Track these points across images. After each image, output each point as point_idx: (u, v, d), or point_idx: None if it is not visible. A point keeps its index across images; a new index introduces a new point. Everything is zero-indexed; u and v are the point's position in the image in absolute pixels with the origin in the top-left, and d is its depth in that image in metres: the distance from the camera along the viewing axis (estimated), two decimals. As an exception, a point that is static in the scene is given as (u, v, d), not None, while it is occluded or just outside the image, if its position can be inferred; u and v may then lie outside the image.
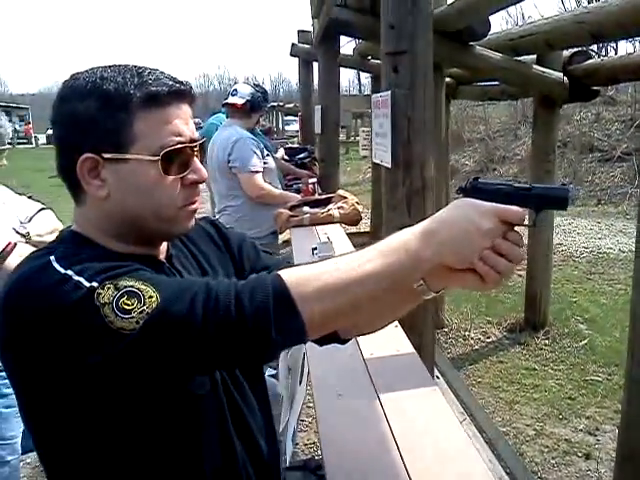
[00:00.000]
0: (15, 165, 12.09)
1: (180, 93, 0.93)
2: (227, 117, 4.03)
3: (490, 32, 4.55)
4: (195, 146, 0.96)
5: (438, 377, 4.14)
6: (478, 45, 4.83)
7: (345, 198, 3.75)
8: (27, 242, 2.03)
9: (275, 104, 23.34)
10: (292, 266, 0.93)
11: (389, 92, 2.08)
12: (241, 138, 3.49)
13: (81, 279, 0.81)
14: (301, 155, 5.91)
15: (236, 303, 0.80)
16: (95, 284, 0.80)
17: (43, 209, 2.26)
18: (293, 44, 7.64)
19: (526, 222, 0.92)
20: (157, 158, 0.90)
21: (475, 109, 15.34)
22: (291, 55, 7.80)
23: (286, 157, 5.81)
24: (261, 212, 3.60)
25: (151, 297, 0.80)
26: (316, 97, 6.52)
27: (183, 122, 0.94)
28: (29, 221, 2.17)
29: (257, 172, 3.52)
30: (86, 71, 0.93)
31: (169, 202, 0.94)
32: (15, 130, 34.84)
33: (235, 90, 3.75)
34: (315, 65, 6.79)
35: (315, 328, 0.84)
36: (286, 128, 23.64)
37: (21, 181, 9.50)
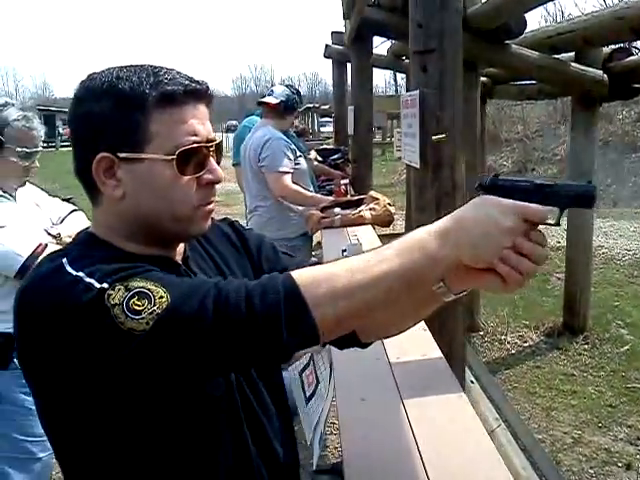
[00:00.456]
0: (58, 168, 12.37)
1: (196, 93, 0.92)
2: (260, 118, 4.06)
3: (527, 30, 4.48)
4: (211, 146, 0.95)
5: (472, 382, 4.06)
6: (514, 43, 4.75)
7: (377, 199, 3.72)
8: (58, 243, 2.06)
9: (311, 105, 23.43)
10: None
11: (417, 91, 2.05)
12: (272, 138, 3.49)
13: (92, 281, 0.81)
14: (334, 156, 5.89)
15: (247, 302, 0.78)
16: (106, 285, 0.80)
17: (74, 211, 2.30)
18: (327, 45, 7.64)
19: (550, 221, 0.89)
20: (172, 157, 0.89)
21: (513, 109, 15.09)
22: (325, 56, 7.80)
23: (319, 158, 5.80)
24: (291, 213, 3.60)
25: (162, 297, 0.79)
26: (349, 98, 6.50)
27: (199, 122, 0.93)
28: (61, 222, 2.21)
29: (285, 173, 3.51)
30: (102, 71, 0.92)
31: (184, 202, 0.93)
32: (58, 133, 35.76)
33: (271, 90, 3.80)
34: (349, 66, 6.77)
35: (328, 330, 0.82)
36: (321, 130, 23.66)
37: (63, 183, 9.73)
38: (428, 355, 1.73)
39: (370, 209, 3.63)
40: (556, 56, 4.76)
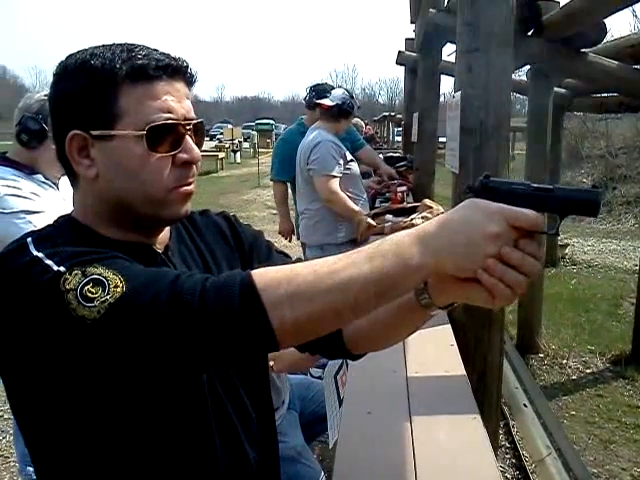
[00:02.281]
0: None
1: (170, 68, 0.88)
2: (302, 127, 4.12)
3: (608, 38, 4.24)
4: (188, 124, 0.90)
5: (526, 405, 3.86)
6: (592, 52, 4.50)
7: (430, 208, 3.59)
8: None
9: (387, 114, 23.30)
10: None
11: (459, 92, 1.94)
12: (322, 141, 3.45)
13: (50, 263, 0.79)
14: (400, 164, 5.79)
15: (200, 298, 0.74)
16: (63, 269, 0.77)
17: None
18: (399, 52, 7.55)
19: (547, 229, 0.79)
20: (142, 133, 0.86)
21: (597, 123, 14.41)
22: (397, 63, 7.70)
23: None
24: (339, 218, 3.54)
25: (117, 287, 0.75)
26: (418, 106, 6.37)
27: (175, 100, 0.89)
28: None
29: (333, 177, 3.45)
30: (80, 50, 0.90)
31: (157, 182, 0.89)
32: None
33: (329, 93, 3.77)
34: (420, 73, 6.64)
35: (288, 334, 0.75)
36: (397, 139, 23.48)
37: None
38: (450, 372, 1.62)
39: (423, 217, 3.50)
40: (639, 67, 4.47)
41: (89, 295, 0.74)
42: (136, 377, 0.80)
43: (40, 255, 0.80)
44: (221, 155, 24.30)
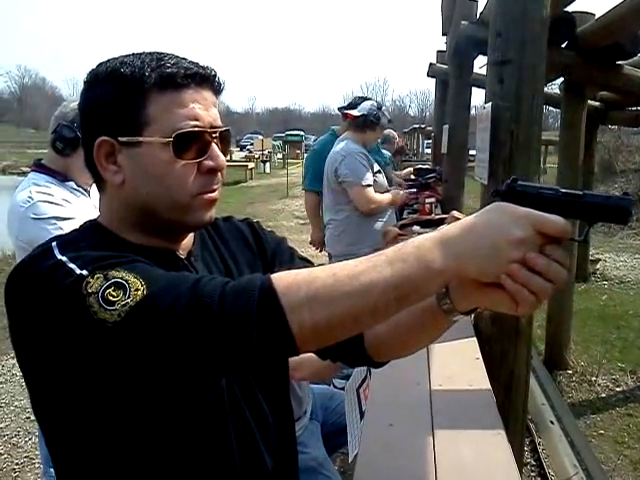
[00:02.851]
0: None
1: (199, 76, 0.90)
2: (334, 133, 4.13)
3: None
4: (215, 132, 0.91)
5: (552, 422, 3.78)
6: (627, 64, 4.42)
7: (458, 219, 3.55)
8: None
9: (417, 126, 23.23)
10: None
11: (490, 104, 1.92)
12: (350, 152, 3.47)
13: (74, 266, 0.80)
14: (428, 175, 5.76)
15: (220, 302, 0.74)
16: (85, 272, 0.78)
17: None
18: (431, 64, 7.53)
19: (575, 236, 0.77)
20: (169, 140, 0.87)
21: (633, 137, 14.15)
22: (428, 75, 7.68)
23: (412, 177, 5.70)
24: (364, 228, 3.54)
25: (137, 290, 0.76)
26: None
27: (202, 108, 0.90)
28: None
29: (368, 186, 3.46)
30: (110, 59, 0.92)
31: (182, 188, 0.90)
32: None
33: (357, 104, 3.78)
34: (452, 85, 6.61)
35: (307, 339, 0.75)
36: (426, 151, 23.40)
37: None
38: (475, 386, 1.59)
39: (450, 229, 3.47)
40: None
41: (110, 298, 0.75)
42: (155, 381, 0.81)
43: (64, 259, 0.81)
44: (251, 165, 24.49)
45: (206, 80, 0.91)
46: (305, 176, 4.73)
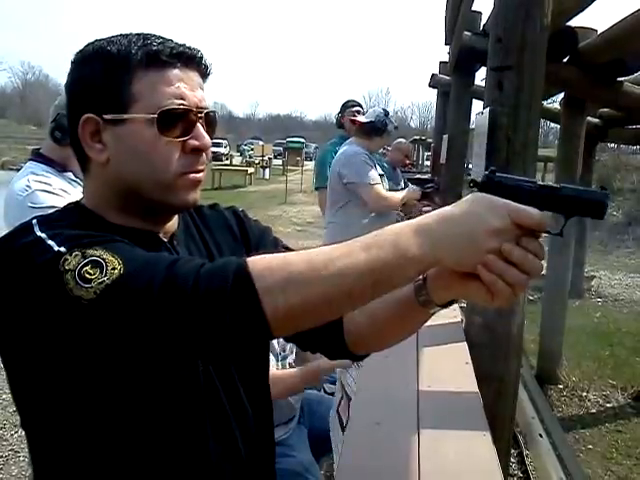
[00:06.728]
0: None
1: (186, 56, 0.90)
2: (341, 139, 4.13)
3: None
4: (200, 113, 0.91)
5: (541, 436, 3.77)
6: (628, 81, 4.44)
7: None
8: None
9: (417, 137, 23.31)
10: None
11: (488, 109, 1.93)
12: (354, 153, 3.47)
13: (52, 243, 0.80)
14: (427, 185, 5.78)
15: (194, 282, 0.73)
16: (63, 249, 0.78)
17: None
18: (433, 74, 7.59)
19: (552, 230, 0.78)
20: (153, 117, 0.87)
21: (632, 157, 14.22)
22: (429, 86, 7.74)
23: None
24: (362, 230, 3.52)
25: (114, 269, 0.76)
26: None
27: (188, 87, 0.90)
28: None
29: (376, 184, 3.45)
30: (97, 39, 0.92)
31: (166, 167, 0.90)
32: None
33: (366, 110, 3.85)
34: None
35: (281, 322, 0.74)
36: (426, 163, 23.48)
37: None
38: (463, 389, 1.59)
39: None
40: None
41: (87, 276, 0.75)
42: (129, 360, 0.81)
43: (43, 236, 0.81)
44: (250, 170, 24.52)
45: (192, 60, 0.91)
46: (317, 176, 4.79)
